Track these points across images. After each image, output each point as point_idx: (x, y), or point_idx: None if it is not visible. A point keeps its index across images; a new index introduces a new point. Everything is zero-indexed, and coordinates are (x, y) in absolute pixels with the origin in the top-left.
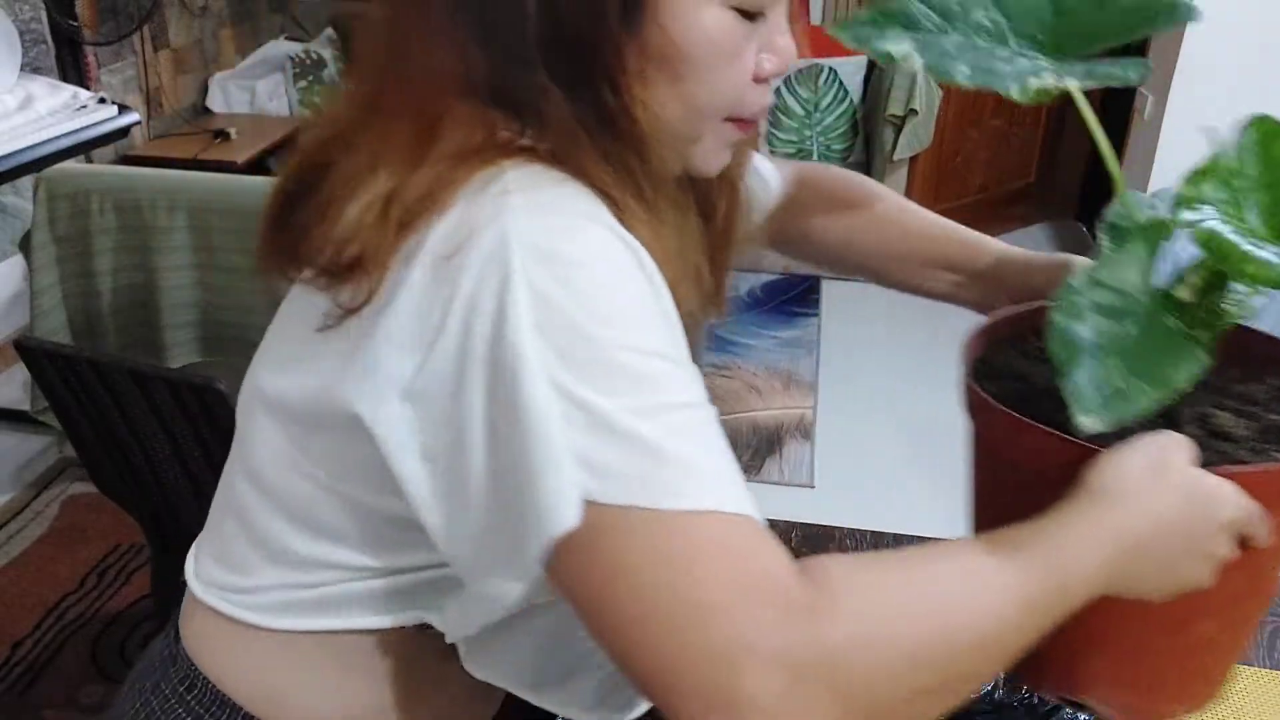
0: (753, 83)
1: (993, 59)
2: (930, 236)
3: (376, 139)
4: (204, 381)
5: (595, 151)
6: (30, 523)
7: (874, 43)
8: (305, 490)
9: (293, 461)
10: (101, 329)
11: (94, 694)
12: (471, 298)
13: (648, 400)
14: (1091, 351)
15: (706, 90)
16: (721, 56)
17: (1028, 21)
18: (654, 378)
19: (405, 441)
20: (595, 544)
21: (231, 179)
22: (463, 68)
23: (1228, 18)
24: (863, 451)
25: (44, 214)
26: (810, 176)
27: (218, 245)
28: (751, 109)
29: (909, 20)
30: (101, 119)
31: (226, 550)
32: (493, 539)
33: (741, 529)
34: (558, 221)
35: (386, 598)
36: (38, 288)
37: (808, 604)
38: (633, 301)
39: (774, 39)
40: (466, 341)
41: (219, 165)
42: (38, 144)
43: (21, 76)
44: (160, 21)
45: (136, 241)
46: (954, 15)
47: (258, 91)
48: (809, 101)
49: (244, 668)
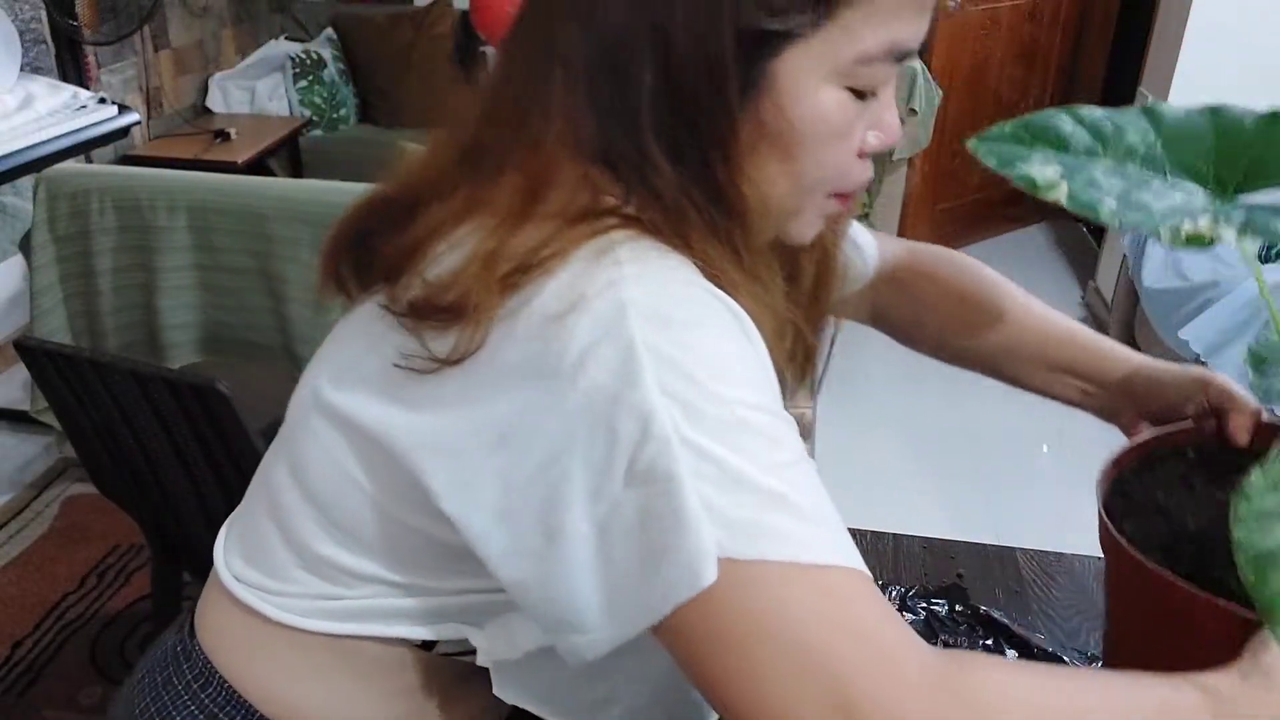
0: (858, 160)
1: (1144, 192)
2: (1058, 341)
3: (475, 188)
4: (204, 381)
5: (700, 223)
6: (30, 523)
7: (1019, 166)
8: (353, 503)
9: (344, 472)
10: (101, 329)
11: (94, 694)
12: (586, 357)
13: (772, 455)
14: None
15: (816, 167)
16: (834, 136)
17: (1186, 150)
18: (772, 433)
19: (479, 499)
20: (730, 599)
21: (231, 179)
22: (573, 130)
23: (1228, 18)
24: (863, 451)
25: (44, 214)
26: (926, 261)
27: (218, 245)
28: (854, 183)
29: (1058, 139)
30: (101, 119)
31: (261, 549)
32: (600, 596)
33: (868, 586)
34: (669, 290)
35: (425, 615)
36: (38, 288)
37: (941, 683)
38: (743, 361)
39: (882, 116)
40: (578, 402)
41: (219, 165)
42: (38, 144)
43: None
44: (160, 21)
45: (136, 241)
46: (1106, 136)
47: (258, 91)
48: None
49: (261, 668)
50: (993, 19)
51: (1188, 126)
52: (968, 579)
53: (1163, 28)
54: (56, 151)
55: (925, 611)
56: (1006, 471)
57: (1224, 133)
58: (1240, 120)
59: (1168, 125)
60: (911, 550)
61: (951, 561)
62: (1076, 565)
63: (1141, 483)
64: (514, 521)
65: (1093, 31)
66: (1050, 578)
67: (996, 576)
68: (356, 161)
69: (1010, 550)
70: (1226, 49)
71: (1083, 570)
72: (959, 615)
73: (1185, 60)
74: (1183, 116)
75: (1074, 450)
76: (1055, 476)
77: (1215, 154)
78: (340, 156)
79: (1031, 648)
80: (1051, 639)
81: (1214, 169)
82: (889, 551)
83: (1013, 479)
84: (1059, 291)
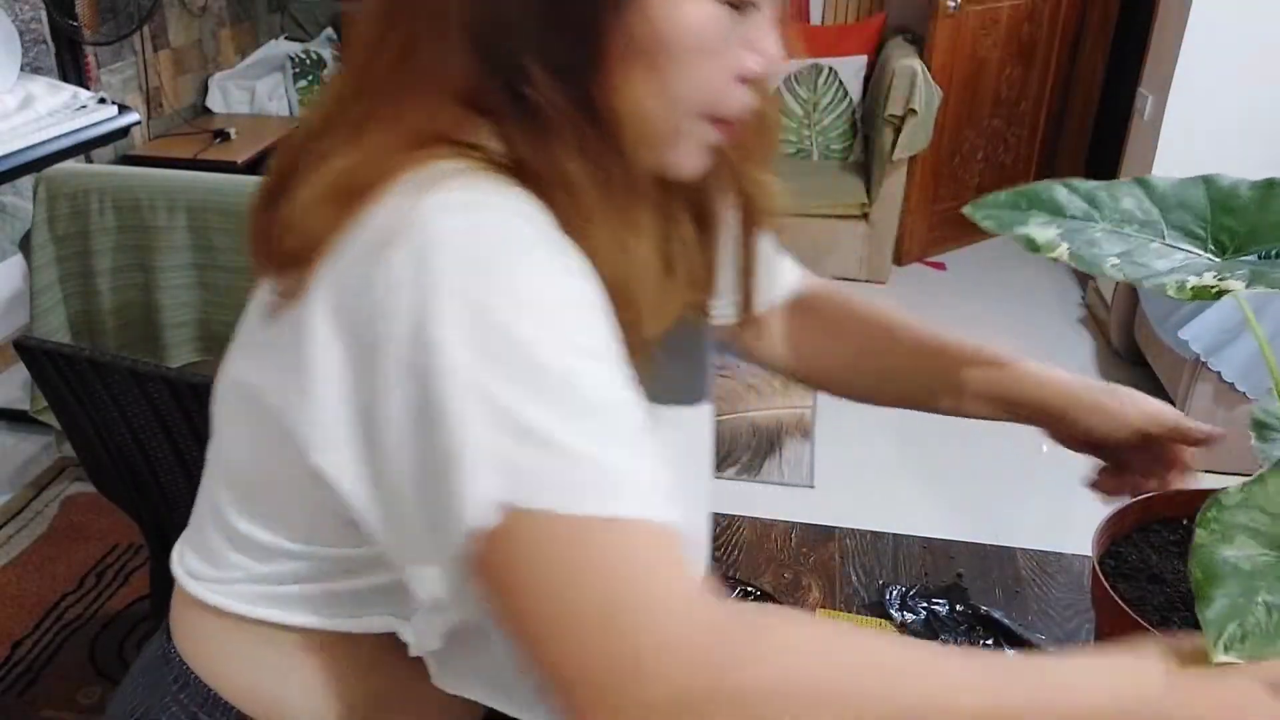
0: (735, 81)
1: (1145, 253)
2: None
3: (347, 127)
4: (204, 381)
5: (572, 140)
6: (30, 523)
7: (1016, 227)
8: (258, 474)
9: (247, 442)
10: (101, 329)
11: (93, 694)
12: (394, 293)
13: (573, 404)
14: (1240, 579)
15: (687, 85)
16: (704, 52)
17: (1183, 214)
18: (580, 378)
19: (330, 436)
20: (513, 546)
21: (231, 179)
22: (447, 57)
23: (1228, 18)
24: (862, 451)
25: (44, 214)
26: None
27: (217, 245)
28: (731, 109)
29: (1054, 205)
30: (101, 119)
31: (202, 539)
32: (417, 527)
33: (661, 536)
34: (485, 217)
35: (353, 599)
36: (38, 287)
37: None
38: (557, 298)
39: (760, 39)
40: (387, 338)
41: (219, 165)
42: (38, 144)
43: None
44: (160, 21)
45: (136, 241)
46: (1101, 203)
47: (257, 91)
48: (808, 101)
49: (229, 664)
50: (992, 19)
51: (1181, 195)
52: (968, 579)
53: (1162, 28)
54: (56, 151)
55: (925, 611)
56: (1006, 471)
57: (1218, 201)
58: (1234, 188)
59: (1161, 194)
60: (911, 550)
61: (951, 561)
62: (1075, 565)
63: (1136, 547)
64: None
65: (1092, 31)
66: (1049, 577)
67: (996, 576)
68: None
69: (1010, 550)
70: (1226, 49)
71: (1082, 570)
72: (959, 615)
73: (1185, 60)
74: (1175, 186)
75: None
76: (1055, 476)
77: (1211, 221)
78: None
79: (1032, 647)
80: (1051, 638)
81: (1211, 233)
82: (889, 551)
83: (1012, 479)
84: (1058, 291)
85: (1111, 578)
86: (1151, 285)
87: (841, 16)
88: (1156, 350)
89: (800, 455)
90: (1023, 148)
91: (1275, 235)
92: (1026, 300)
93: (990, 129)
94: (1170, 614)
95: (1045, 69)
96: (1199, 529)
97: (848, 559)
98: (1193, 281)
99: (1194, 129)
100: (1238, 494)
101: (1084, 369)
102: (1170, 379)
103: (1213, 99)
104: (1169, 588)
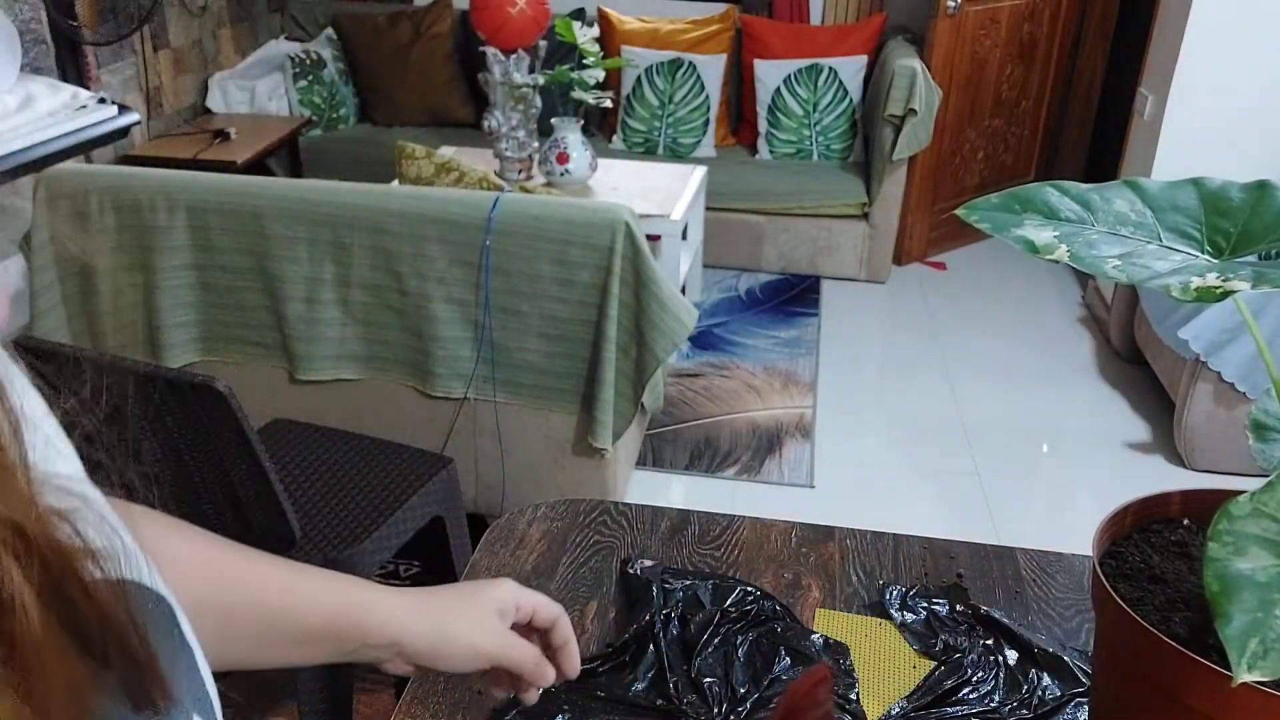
0: None
1: (1143, 254)
2: None
3: None
4: (202, 380)
5: None
6: None
7: (1013, 230)
8: None
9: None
10: (101, 329)
11: None
12: None
13: None
14: (1256, 591)
15: None
16: None
17: (1176, 216)
18: None
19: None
20: None
21: (230, 179)
22: None
23: (1228, 18)
24: (862, 451)
25: (44, 214)
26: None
27: (216, 245)
28: None
29: (1047, 209)
30: (101, 119)
31: None
32: None
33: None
34: None
35: None
36: (38, 288)
37: None
38: None
39: None
40: None
41: (219, 165)
42: (38, 144)
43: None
44: (160, 21)
45: (135, 241)
46: (1094, 206)
47: (257, 91)
48: (808, 101)
49: None
50: (992, 18)
51: (1173, 197)
52: (968, 579)
53: (1162, 27)
54: (56, 151)
55: (926, 611)
56: (1006, 471)
57: (1210, 202)
58: (1224, 190)
59: (1153, 197)
60: (911, 550)
61: (951, 561)
62: (1076, 565)
63: (1137, 547)
64: None
65: (1092, 31)
66: (1049, 577)
67: (996, 576)
68: (356, 161)
69: (1010, 550)
70: (1226, 49)
71: (1082, 570)
72: (959, 615)
73: (1185, 60)
74: (1167, 188)
75: (1074, 450)
76: (1055, 476)
77: (1205, 222)
78: (340, 156)
79: (1032, 647)
80: (1051, 638)
81: (1206, 234)
82: (889, 551)
83: (1012, 478)
84: (1058, 291)
85: (1112, 578)
86: (1154, 287)
87: (841, 16)
88: (1156, 350)
89: (800, 455)
90: (1023, 147)
91: (1269, 236)
92: (1026, 300)
93: (990, 129)
94: (1170, 614)
95: (1045, 69)
96: (1211, 542)
97: (848, 559)
98: (1196, 283)
99: (1194, 129)
100: (1247, 504)
101: (1084, 369)
102: (1170, 379)
103: (1213, 99)
104: (1170, 588)
